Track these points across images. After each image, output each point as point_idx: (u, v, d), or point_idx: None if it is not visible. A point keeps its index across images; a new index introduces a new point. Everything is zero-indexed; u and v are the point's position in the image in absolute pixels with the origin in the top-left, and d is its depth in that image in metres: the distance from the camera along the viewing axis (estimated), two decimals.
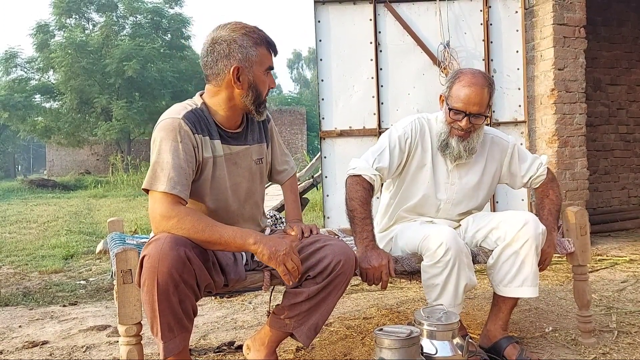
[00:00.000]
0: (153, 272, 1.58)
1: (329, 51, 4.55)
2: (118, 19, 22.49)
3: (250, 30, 1.80)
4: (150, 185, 1.70)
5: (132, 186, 15.51)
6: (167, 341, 1.64)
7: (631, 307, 2.91)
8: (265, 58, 1.82)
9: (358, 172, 2.15)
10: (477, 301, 3.14)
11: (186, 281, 1.62)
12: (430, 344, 1.80)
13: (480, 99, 2.12)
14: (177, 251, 1.59)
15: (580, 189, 4.74)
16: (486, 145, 2.34)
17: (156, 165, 1.71)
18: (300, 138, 25.14)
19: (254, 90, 1.82)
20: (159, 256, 1.58)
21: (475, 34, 4.65)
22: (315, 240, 1.88)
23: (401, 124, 2.30)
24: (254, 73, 1.80)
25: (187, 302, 1.65)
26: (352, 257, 1.84)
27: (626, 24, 6.51)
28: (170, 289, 1.59)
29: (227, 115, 1.86)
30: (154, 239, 1.66)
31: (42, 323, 3.02)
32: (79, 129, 21.34)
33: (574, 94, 4.66)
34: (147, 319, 1.66)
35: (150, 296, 1.60)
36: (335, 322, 2.82)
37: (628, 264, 4.08)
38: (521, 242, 2.07)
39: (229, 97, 1.83)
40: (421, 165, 2.28)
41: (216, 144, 1.84)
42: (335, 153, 4.53)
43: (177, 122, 1.75)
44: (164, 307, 1.60)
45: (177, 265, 1.59)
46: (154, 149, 1.75)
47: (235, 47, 1.76)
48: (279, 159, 2.18)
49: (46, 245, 6.04)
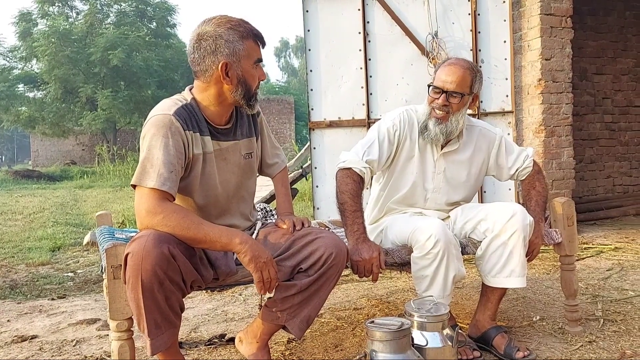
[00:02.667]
0: (137, 270, 1.57)
1: (318, 41, 4.53)
2: (102, 7, 22.20)
3: (236, 23, 1.78)
4: (139, 181, 1.68)
5: (119, 176, 15.41)
6: (154, 338, 1.64)
7: (616, 295, 2.96)
8: (253, 51, 1.79)
9: (348, 165, 2.15)
10: (465, 291, 3.18)
11: (171, 278, 1.61)
12: (421, 336, 1.82)
13: (457, 78, 2.16)
14: (160, 248, 1.57)
15: (566, 178, 4.79)
16: (474, 136, 2.36)
17: (146, 161, 1.70)
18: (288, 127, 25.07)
19: (243, 85, 1.80)
20: (142, 254, 1.57)
21: (463, 24, 4.66)
22: (307, 233, 1.88)
23: (390, 116, 2.32)
24: (242, 67, 1.78)
25: (173, 299, 1.64)
26: (343, 249, 1.84)
27: (612, 13, 6.56)
28: (155, 287, 1.58)
29: (216, 111, 1.85)
30: (137, 236, 1.64)
31: (31, 317, 3.00)
32: (63, 118, 21.10)
33: (560, 83, 4.69)
34: (134, 316, 1.66)
35: (135, 294, 1.59)
36: (326, 313, 2.84)
37: (613, 252, 4.14)
38: (509, 234, 2.10)
39: (218, 92, 1.81)
40: (409, 156, 2.30)
41: (206, 141, 1.83)
42: (324, 144, 4.53)
43: (168, 118, 1.74)
44: (150, 304, 1.60)
45: (161, 263, 1.57)
46: (143, 144, 1.73)
47: (221, 42, 1.74)
48: (270, 152, 2.17)
49: (32, 237, 5.98)
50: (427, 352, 1.80)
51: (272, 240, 1.93)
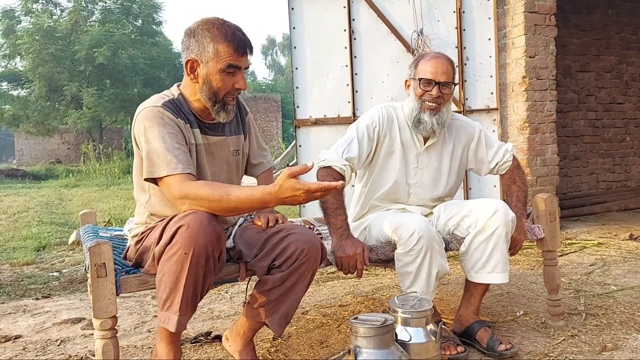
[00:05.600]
0: (191, 242, 1.59)
1: (303, 39, 4.53)
2: (87, 4, 21.91)
3: (214, 25, 1.77)
4: (152, 174, 1.71)
5: (105, 175, 15.28)
6: (183, 315, 1.66)
7: (599, 290, 3.00)
8: (223, 54, 1.75)
9: (328, 164, 2.17)
10: (450, 287, 3.20)
11: (214, 258, 1.67)
12: (405, 331, 1.84)
13: (446, 69, 2.22)
14: (213, 226, 1.63)
15: (550, 174, 4.84)
16: (453, 130, 2.40)
17: (150, 154, 1.71)
18: (275, 125, 25.02)
19: (208, 86, 1.80)
20: (198, 227, 1.59)
21: (448, 21, 4.68)
22: (280, 230, 1.89)
23: (368, 114, 2.35)
24: (208, 68, 1.77)
25: (208, 279, 1.69)
26: (316, 244, 1.84)
27: (595, 11, 6.63)
28: (201, 262, 1.62)
29: (201, 106, 1.86)
30: (190, 211, 1.64)
31: (15, 317, 2.98)
32: (48, 117, 20.86)
33: (544, 81, 4.73)
34: (162, 290, 1.66)
35: (179, 266, 1.61)
36: (311, 310, 2.85)
37: (596, 247, 4.19)
38: (492, 230, 2.12)
39: (194, 89, 1.84)
40: (389, 152, 2.32)
41: (195, 133, 1.85)
42: (310, 142, 4.53)
43: (157, 109, 1.76)
44: (190, 280, 1.62)
45: (212, 240, 1.62)
46: (141, 140, 1.75)
47: (192, 40, 1.77)
48: (256, 152, 2.19)
49: (17, 236, 5.92)
50: (410, 347, 1.81)
51: (246, 238, 1.94)
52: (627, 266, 3.54)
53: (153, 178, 1.73)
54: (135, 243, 1.90)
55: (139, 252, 1.88)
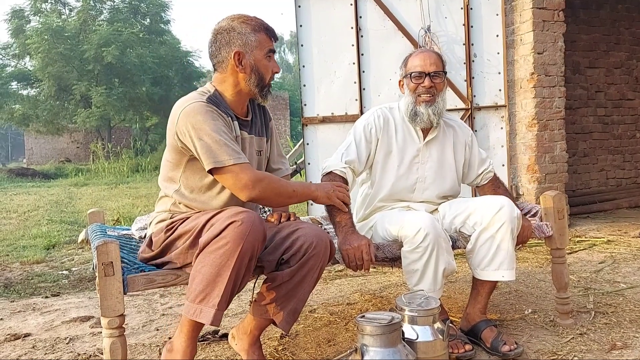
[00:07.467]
0: (241, 237, 1.64)
1: (310, 37, 4.52)
2: (95, 4, 22.01)
3: (248, 18, 1.92)
4: (216, 164, 1.75)
5: (114, 174, 15.35)
6: (220, 310, 1.67)
7: (608, 288, 2.98)
8: (264, 42, 1.91)
9: (329, 170, 2.24)
10: (458, 285, 3.19)
11: (256, 258, 1.73)
12: (412, 330, 1.83)
13: (434, 60, 2.28)
14: (263, 227, 1.70)
15: (559, 171, 4.81)
16: (452, 128, 2.44)
17: (210, 146, 1.75)
18: (283, 123, 25.02)
19: (256, 73, 1.90)
20: (250, 225, 1.65)
21: (455, 18, 4.66)
22: (289, 225, 1.92)
23: (364, 117, 2.41)
24: (254, 57, 1.89)
25: (245, 278, 1.73)
26: (325, 239, 1.85)
27: (604, 6, 6.57)
28: (246, 260, 1.66)
29: (235, 101, 1.94)
30: (241, 210, 1.72)
31: (24, 315, 3.00)
32: (57, 116, 20.99)
33: (553, 77, 4.70)
34: (198, 282, 1.67)
35: (225, 260, 1.64)
36: (319, 308, 2.85)
37: (605, 244, 4.16)
38: (497, 226, 2.12)
39: (234, 82, 1.91)
40: (388, 152, 2.35)
41: (235, 126, 1.92)
42: (317, 139, 4.53)
43: (201, 104, 1.81)
44: (233, 276, 1.65)
45: (260, 240, 1.69)
46: (191, 134, 1.77)
47: (234, 34, 1.88)
48: (276, 158, 2.22)
49: (27, 235, 5.97)
50: (417, 346, 1.81)
51: None
52: (636, 264, 3.51)
53: (214, 168, 1.77)
54: (166, 231, 1.89)
55: (170, 240, 1.87)
